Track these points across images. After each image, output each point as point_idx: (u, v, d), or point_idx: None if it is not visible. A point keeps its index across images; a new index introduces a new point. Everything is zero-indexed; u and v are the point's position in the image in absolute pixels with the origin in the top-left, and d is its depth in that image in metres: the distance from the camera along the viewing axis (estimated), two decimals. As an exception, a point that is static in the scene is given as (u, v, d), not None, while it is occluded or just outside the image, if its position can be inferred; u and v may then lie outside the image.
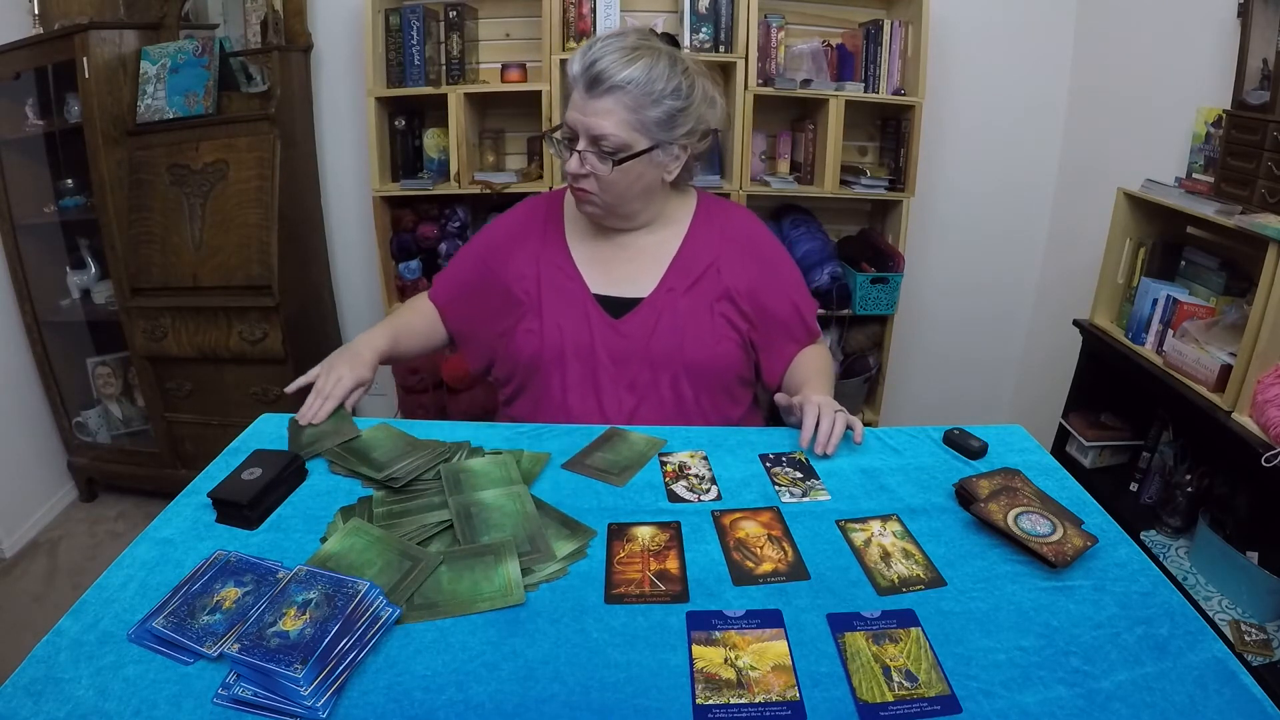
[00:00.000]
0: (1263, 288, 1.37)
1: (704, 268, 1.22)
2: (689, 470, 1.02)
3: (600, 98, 1.07)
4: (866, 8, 2.26)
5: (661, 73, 1.07)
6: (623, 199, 1.16)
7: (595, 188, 1.13)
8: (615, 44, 1.07)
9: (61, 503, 2.49)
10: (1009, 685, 0.67)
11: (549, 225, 1.27)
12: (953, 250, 2.58)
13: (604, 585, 0.79)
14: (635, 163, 1.11)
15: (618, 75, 1.05)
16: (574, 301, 1.21)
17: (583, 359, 1.19)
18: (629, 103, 1.07)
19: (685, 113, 1.11)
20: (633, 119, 1.08)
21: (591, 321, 1.20)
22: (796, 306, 1.28)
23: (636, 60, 1.05)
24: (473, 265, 1.31)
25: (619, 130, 1.07)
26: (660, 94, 1.07)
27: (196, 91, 2.12)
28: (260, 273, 2.11)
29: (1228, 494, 1.59)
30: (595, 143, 1.09)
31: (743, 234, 1.27)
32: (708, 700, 0.65)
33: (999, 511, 0.88)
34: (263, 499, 0.90)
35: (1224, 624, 1.43)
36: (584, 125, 1.08)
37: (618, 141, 1.08)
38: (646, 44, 1.09)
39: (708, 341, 1.20)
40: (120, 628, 0.73)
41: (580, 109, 1.08)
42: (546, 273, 1.23)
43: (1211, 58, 1.76)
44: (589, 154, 1.10)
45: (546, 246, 1.25)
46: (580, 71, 1.07)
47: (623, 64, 1.05)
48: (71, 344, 2.42)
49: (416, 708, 0.64)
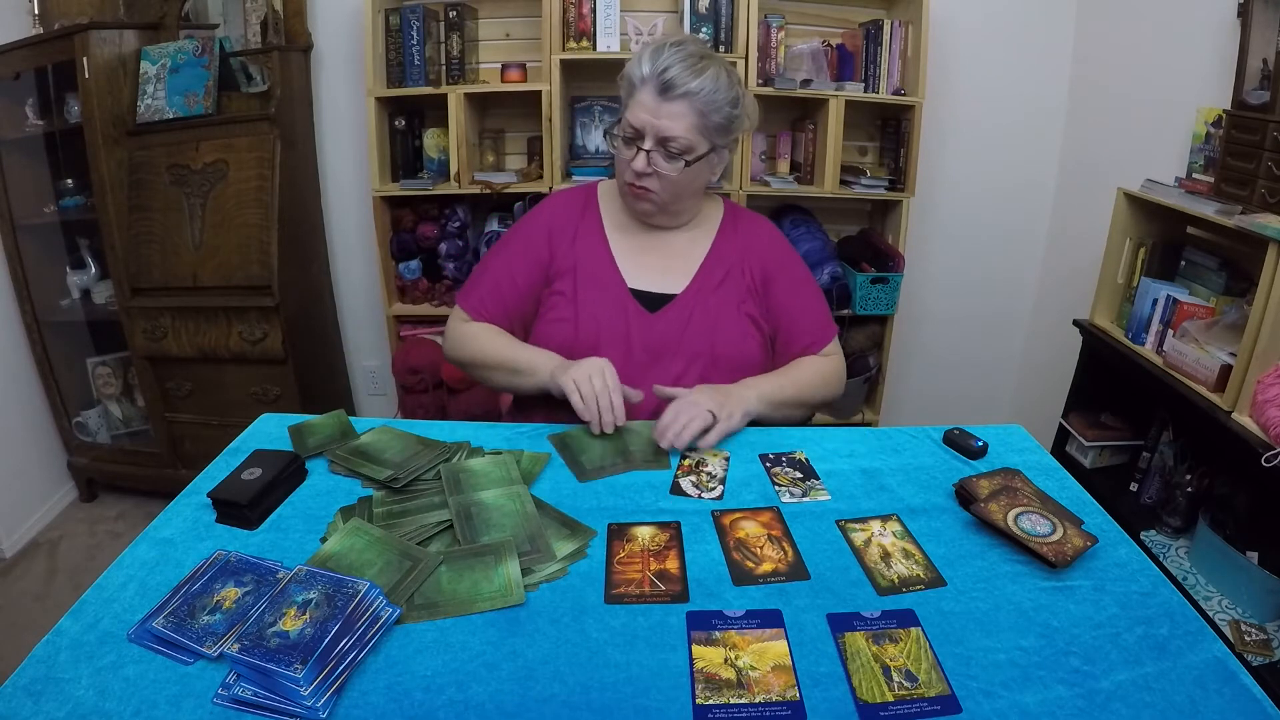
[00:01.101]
0: (1263, 288, 1.37)
1: (730, 267, 1.28)
2: (704, 467, 1.03)
3: (673, 102, 1.14)
4: (866, 8, 2.26)
5: (725, 83, 1.15)
6: (679, 198, 1.23)
7: (657, 186, 1.20)
8: (682, 53, 1.14)
9: (61, 503, 2.49)
10: (1009, 685, 0.67)
11: (587, 218, 1.31)
12: (953, 250, 2.58)
13: (604, 585, 0.80)
14: (699, 164, 1.19)
15: (691, 83, 1.13)
16: (612, 294, 1.25)
17: (619, 349, 1.22)
18: (699, 108, 1.14)
19: (739, 120, 1.20)
20: (700, 123, 1.15)
21: (628, 314, 1.24)
22: (795, 322, 1.31)
23: (705, 70, 1.14)
24: (520, 266, 1.28)
25: (688, 134, 1.15)
26: (722, 102, 1.16)
27: (196, 91, 2.12)
28: (260, 273, 2.11)
29: (1228, 494, 1.59)
30: (663, 144, 1.16)
31: (764, 239, 1.33)
32: (708, 700, 0.65)
33: (999, 511, 0.88)
34: (263, 499, 0.90)
35: (1224, 624, 1.43)
36: (655, 127, 1.15)
37: (685, 144, 1.16)
38: (708, 54, 1.18)
39: (735, 337, 1.25)
40: (120, 628, 0.73)
41: (652, 111, 1.15)
42: (584, 264, 1.27)
43: (1211, 58, 1.76)
44: (656, 154, 1.16)
45: (586, 238, 1.29)
46: (651, 75, 1.14)
47: (694, 73, 1.13)
48: (71, 344, 2.42)
49: (416, 708, 0.64)
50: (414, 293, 2.35)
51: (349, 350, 2.70)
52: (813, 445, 1.10)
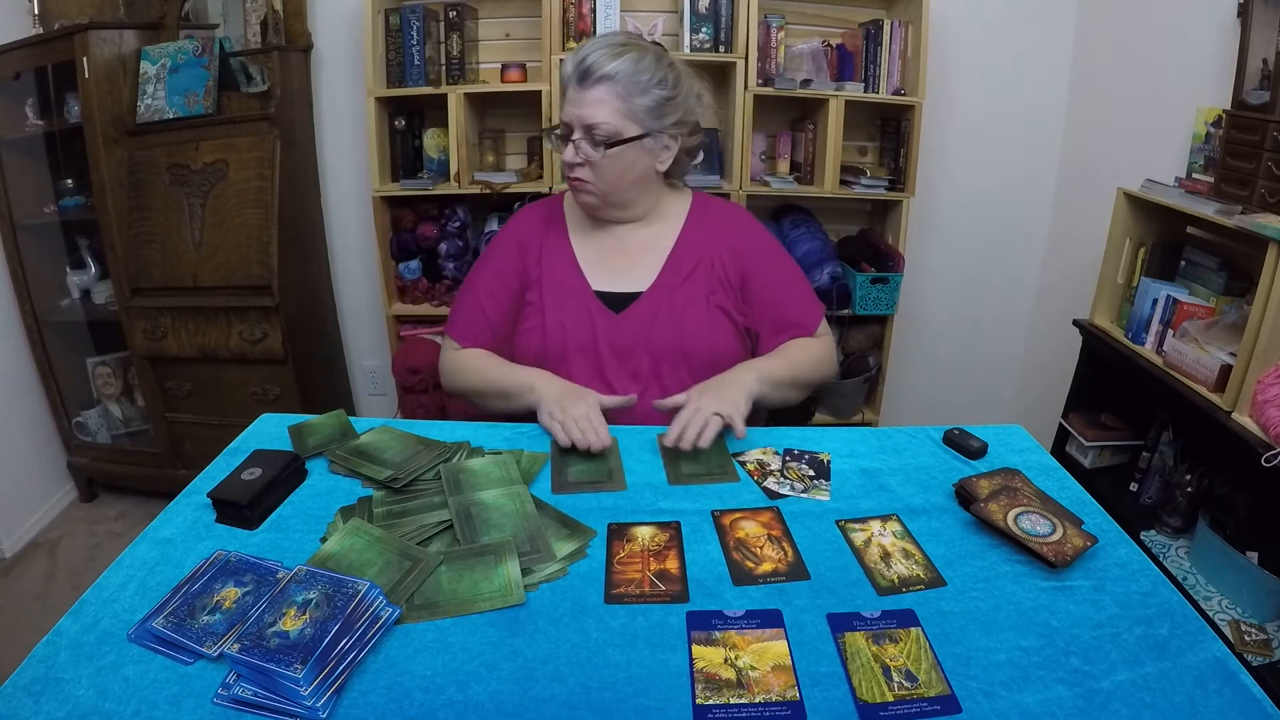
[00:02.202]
0: (1263, 288, 1.37)
1: (698, 260, 1.26)
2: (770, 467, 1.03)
3: (591, 88, 1.14)
4: (866, 8, 2.26)
5: (648, 64, 1.14)
6: (616, 186, 1.21)
7: (590, 175, 1.19)
8: (603, 41, 1.15)
9: (61, 503, 2.49)
10: (1009, 685, 0.67)
11: (551, 227, 1.32)
12: (953, 250, 2.58)
13: (604, 585, 0.80)
14: (627, 149, 1.17)
15: (606, 66, 1.12)
16: (576, 299, 1.25)
17: (586, 353, 1.23)
18: (619, 91, 1.13)
19: (673, 102, 1.18)
20: (623, 107, 1.14)
21: (594, 317, 1.23)
22: (782, 304, 1.29)
23: (624, 54, 1.13)
24: (495, 290, 1.30)
25: (611, 118, 1.14)
26: (647, 83, 1.14)
27: (196, 91, 2.12)
28: (260, 273, 2.11)
29: (1228, 494, 1.59)
30: (589, 132, 1.15)
31: (735, 228, 1.31)
32: (708, 700, 0.65)
33: (999, 511, 0.88)
34: (262, 499, 0.90)
35: (1224, 624, 1.43)
36: (577, 116, 1.15)
37: (610, 129, 1.15)
38: (634, 41, 1.17)
39: (705, 331, 1.23)
40: (120, 628, 0.73)
41: (574, 102, 1.15)
42: (549, 272, 1.27)
43: (1211, 58, 1.76)
44: (583, 142, 1.16)
45: (551, 248, 1.29)
46: (572, 69, 1.15)
47: (610, 57, 1.12)
48: (71, 344, 2.42)
49: (416, 708, 0.64)
50: (414, 293, 2.35)
51: (349, 350, 2.70)
52: (813, 445, 1.10)
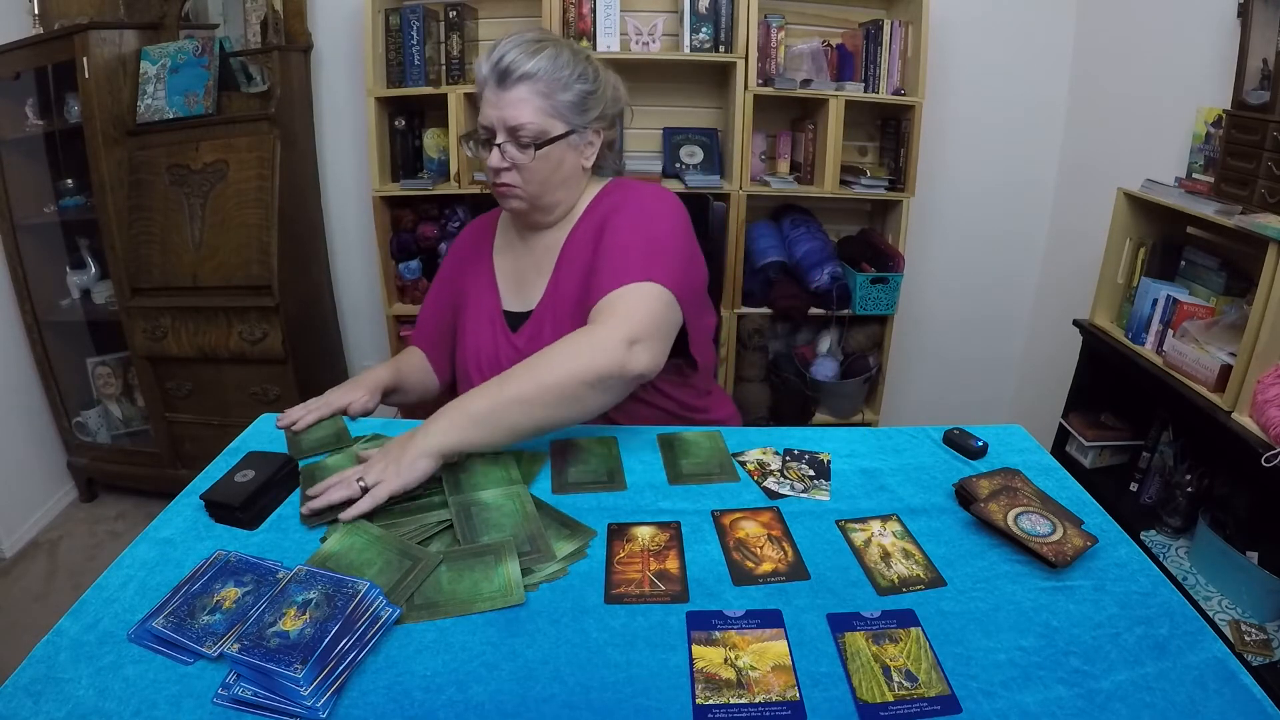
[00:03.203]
0: (1263, 288, 1.37)
1: (585, 262, 1.14)
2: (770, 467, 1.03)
3: (512, 88, 1.09)
4: (866, 8, 2.26)
5: (567, 60, 1.11)
6: (546, 187, 1.15)
7: (518, 180, 1.13)
8: (517, 39, 1.10)
9: (61, 503, 2.49)
10: (1009, 685, 0.67)
11: (481, 245, 1.31)
12: (953, 250, 2.58)
13: (604, 585, 0.79)
14: (554, 148, 1.12)
15: (526, 65, 1.08)
16: (487, 319, 1.24)
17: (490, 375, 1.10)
18: (541, 89, 1.09)
19: (595, 96, 1.14)
20: (546, 105, 1.10)
21: (498, 340, 1.22)
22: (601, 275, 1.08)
23: (541, 50, 1.09)
24: (435, 298, 1.35)
25: (535, 117, 1.09)
26: (569, 79, 1.10)
27: (196, 91, 2.12)
28: (260, 273, 2.11)
29: (1228, 494, 1.59)
30: (513, 134, 1.10)
31: (610, 212, 1.16)
32: (708, 700, 0.65)
33: (999, 511, 0.88)
34: (255, 501, 0.90)
35: (1224, 624, 1.43)
36: (500, 119, 1.10)
37: (535, 129, 1.10)
38: (548, 37, 1.13)
39: None
40: (120, 628, 0.73)
41: (494, 104, 1.10)
42: (471, 293, 1.27)
43: (1211, 58, 1.76)
44: (508, 146, 1.11)
45: (476, 267, 1.29)
46: (489, 70, 1.09)
47: (528, 55, 1.08)
48: (71, 344, 2.42)
49: (416, 708, 0.64)
50: (414, 293, 2.35)
51: (349, 350, 2.70)
52: (813, 445, 1.09)
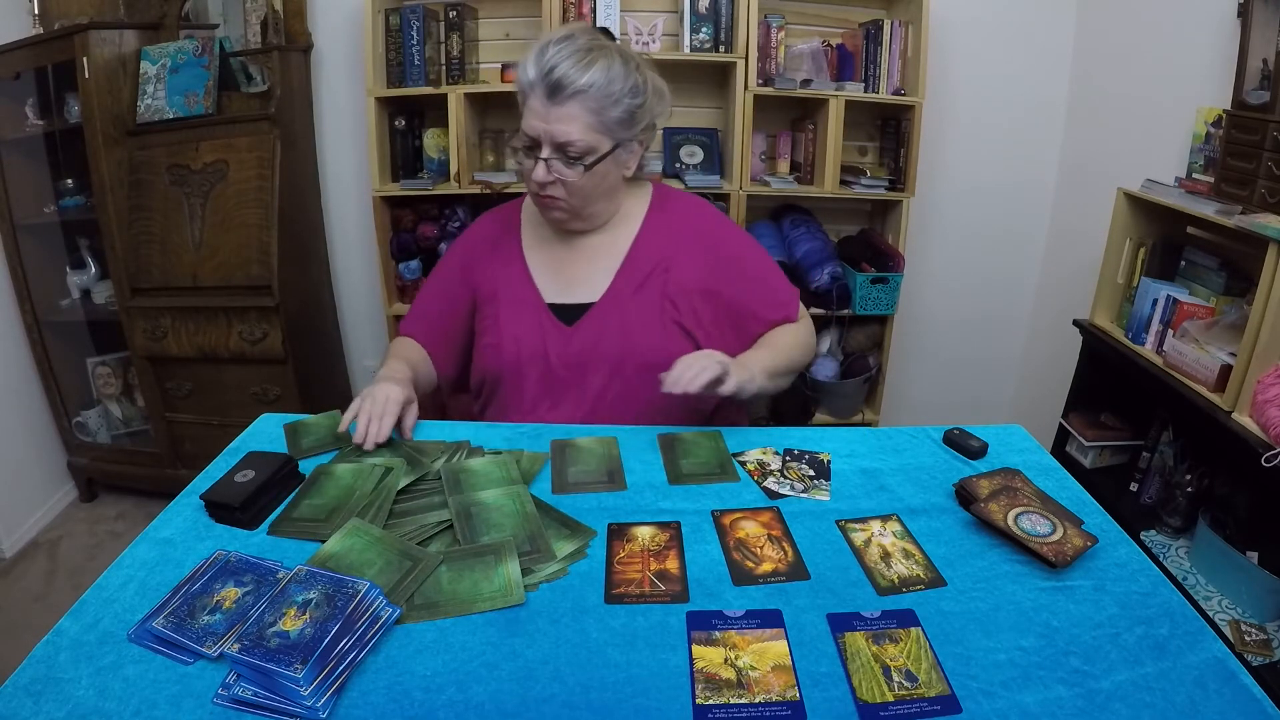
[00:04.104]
0: (1263, 288, 1.37)
1: (653, 266, 1.21)
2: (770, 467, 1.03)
3: (563, 104, 1.06)
4: (866, 8, 2.26)
5: (619, 73, 1.07)
6: (589, 200, 1.16)
7: (563, 194, 1.13)
8: (568, 48, 1.06)
9: (61, 503, 2.49)
10: (1009, 685, 0.67)
11: (506, 238, 1.29)
12: (953, 250, 2.58)
13: (604, 585, 0.80)
14: (601, 164, 1.11)
15: (579, 80, 1.05)
16: (529, 313, 1.22)
17: (538, 368, 1.19)
18: (592, 106, 1.07)
19: (642, 109, 1.12)
20: (596, 122, 1.08)
21: (545, 331, 1.20)
22: (756, 297, 1.25)
23: (593, 63, 1.05)
24: (439, 290, 1.32)
25: (584, 135, 1.08)
26: (619, 94, 1.08)
27: (196, 91, 2.12)
28: (260, 273, 2.11)
29: (1228, 494, 1.59)
30: (561, 149, 1.08)
31: (693, 226, 1.25)
32: (708, 700, 0.65)
33: (999, 511, 0.88)
34: (255, 501, 0.90)
35: (1224, 624, 1.43)
36: (548, 133, 1.07)
37: (584, 146, 1.08)
38: (598, 45, 1.09)
39: (657, 341, 1.18)
40: (120, 628, 0.73)
41: (543, 117, 1.07)
42: (503, 287, 1.24)
43: (1211, 58, 1.76)
44: (555, 161, 1.09)
45: (504, 260, 1.27)
46: (537, 78, 1.06)
47: (581, 68, 1.05)
48: (71, 344, 2.42)
49: (416, 708, 0.64)
50: (414, 293, 2.34)
51: (349, 350, 2.70)
52: (813, 445, 1.10)
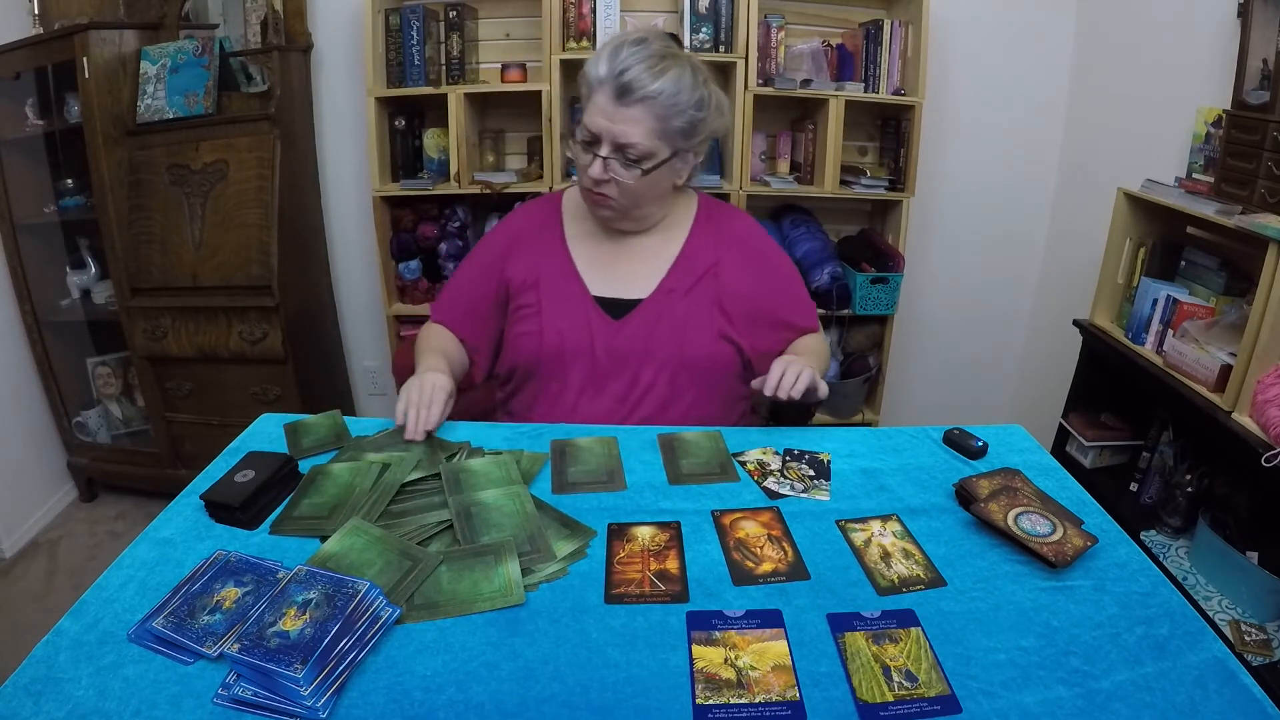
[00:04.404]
0: (1263, 288, 1.37)
1: (703, 270, 1.24)
2: (770, 467, 1.03)
3: (630, 107, 1.08)
4: (866, 8, 2.26)
5: (687, 84, 1.09)
6: (638, 202, 1.19)
7: (615, 193, 1.15)
8: (642, 53, 1.08)
9: (61, 503, 2.49)
10: (1009, 685, 0.67)
11: (548, 229, 1.29)
12: (953, 250, 2.58)
13: (604, 585, 0.80)
14: (658, 170, 1.13)
15: (649, 86, 1.07)
16: (575, 304, 1.23)
17: (583, 359, 1.21)
18: (658, 112, 1.09)
19: (704, 122, 1.14)
20: (659, 128, 1.10)
21: (592, 323, 1.21)
22: (792, 308, 1.31)
23: (665, 72, 1.08)
24: (475, 276, 1.31)
25: (646, 139, 1.10)
26: (685, 105, 1.10)
27: (196, 91, 2.12)
28: (260, 273, 2.11)
29: (1228, 494, 1.59)
30: (620, 150, 1.10)
31: (741, 238, 1.29)
32: (708, 700, 0.65)
33: (999, 511, 0.88)
34: (255, 501, 0.90)
35: (1224, 624, 1.43)
36: (611, 132, 1.10)
37: (643, 150, 1.10)
38: (670, 53, 1.11)
39: (705, 342, 1.22)
40: (120, 628, 0.73)
41: (608, 116, 1.10)
42: (547, 277, 1.24)
43: (1211, 58, 1.76)
44: (613, 160, 1.11)
45: (547, 250, 1.27)
46: (608, 77, 1.08)
47: (653, 75, 1.07)
48: (71, 344, 2.42)
49: (416, 708, 0.64)
50: (414, 293, 2.35)
51: (349, 350, 2.70)
52: (813, 445, 1.10)
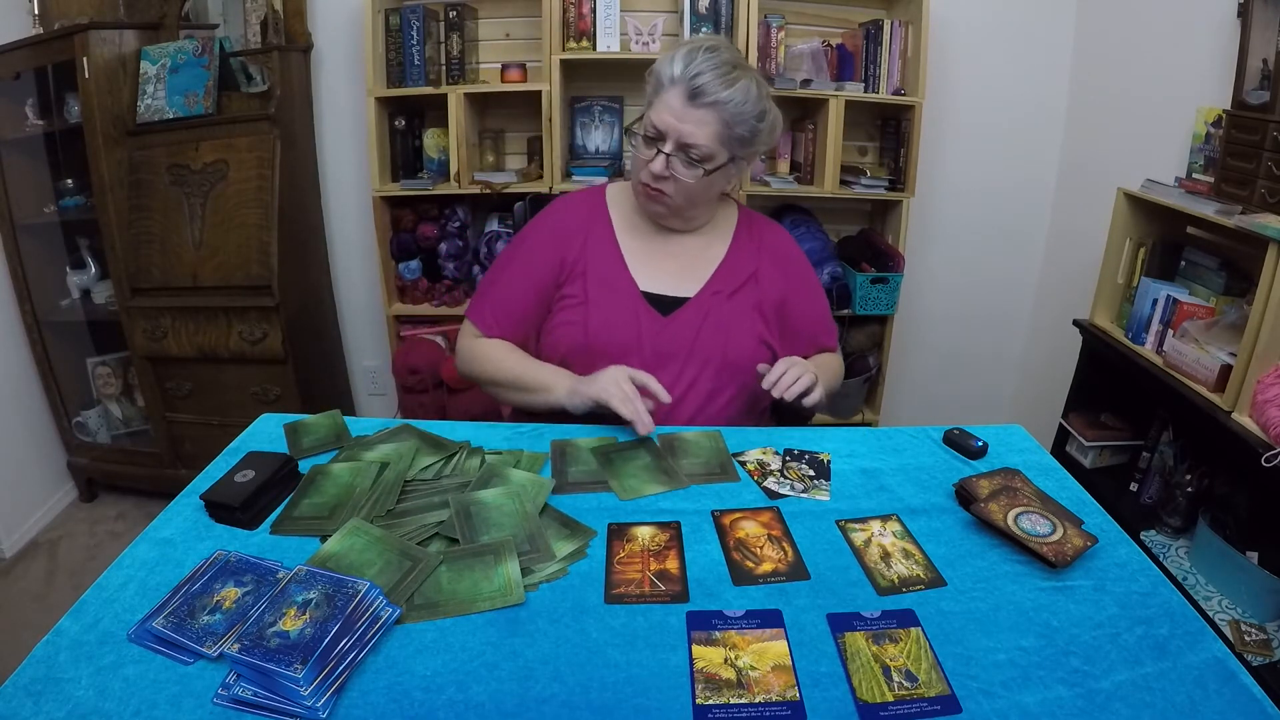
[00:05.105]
0: (1263, 288, 1.37)
1: (746, 276, 1.28)
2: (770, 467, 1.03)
3: (700, 109, 1.12)
4: (866, 8, 2.26)
5: (753, 95, 1.14)
6: (691, 202, 1.22)
7: (672, 190, 1.18)
8: (715, 59, 1.13)
9: (61, 503, 2.49)
10: (1009, 685, 0.67)
11: (595, 222, 1.30)
12: (953, 250, 2.58)
13: (604, 585, 0.80)
14: (716, 173, 1.18)
15: (721, 93, 1.11)
16: (623, 297, 1.24)
17: (629, 353, 1.21)
18: (725, 118, 1.13)
19: (761, 134, 1.19)
20: (723, 133, 1.14)
21: (639, 317, 1.23)
22: (817, 324, 1.37)
23: (736, 81, 1.12)
24: (524, 275, 1.28)
25: (710, 142, 1.14)
26: (749, 115, 1.15)
27: (196, 91, 2.12)
28: (260, 273, 2.11)
29: (1228, 494, 1.59)
30: (684, 149, 1.14)
31: (775, 248, 1.34)
32: (708, 700, 0.65)
33: (999, 511, 0.88)
34: (255, 501, 0.90)
35: (1224, 624, 1.43)
36: (678, 131, 1.13)
37: (705, 152, 1.14)
38: (741, 64, 1.16)
39: (747, 344, 1.25)
40: (120, 628, 0.73)
41: (677, 115, 1.13)
42: (595, 267, 1.26)
43: (1211, 58, 1.76)
44: (675, 158, 1.15)
45: (595, 242, 1.28)
46: (682, 78, 1.12)
47: (725, 83, 1.11)
48: (71, 344, 2.42)
49: (416, 708, 0.64)
50: (414, 293, 2.35)
51: (349, 350, 2.70)
52: (813, 445, 1.10)
